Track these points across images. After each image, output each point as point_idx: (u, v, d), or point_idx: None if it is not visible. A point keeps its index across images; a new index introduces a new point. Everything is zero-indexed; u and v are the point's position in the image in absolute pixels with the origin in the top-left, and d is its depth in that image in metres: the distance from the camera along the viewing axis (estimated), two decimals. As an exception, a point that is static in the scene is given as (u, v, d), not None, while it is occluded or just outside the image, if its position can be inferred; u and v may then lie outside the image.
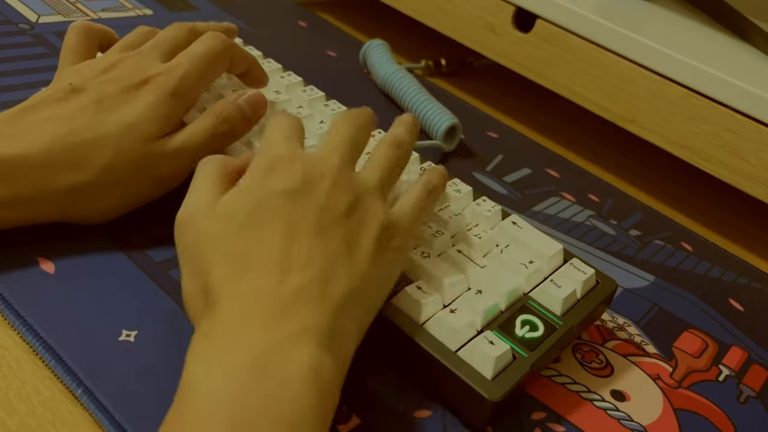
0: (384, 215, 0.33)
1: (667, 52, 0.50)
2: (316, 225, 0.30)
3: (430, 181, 0.37)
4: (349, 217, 0.31)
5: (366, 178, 0.34)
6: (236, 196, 0.31)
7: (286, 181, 0.31)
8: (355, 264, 0.30)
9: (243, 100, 0.40)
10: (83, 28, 0.42)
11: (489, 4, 0.58)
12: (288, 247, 0.29)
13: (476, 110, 0.62)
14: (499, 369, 0.33)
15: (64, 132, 0.35)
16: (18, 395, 0.30)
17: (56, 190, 0.35)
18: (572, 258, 0.40)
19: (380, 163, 0.35)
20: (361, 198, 0.32)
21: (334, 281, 0.29)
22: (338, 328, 0.28)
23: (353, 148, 0.35)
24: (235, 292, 0.28)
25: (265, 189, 0.31)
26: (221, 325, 0.27)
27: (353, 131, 0.36)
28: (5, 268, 0.35)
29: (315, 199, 0.31)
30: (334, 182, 0.32)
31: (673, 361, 0.40)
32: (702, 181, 0.56)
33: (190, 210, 0.32)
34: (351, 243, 0.31)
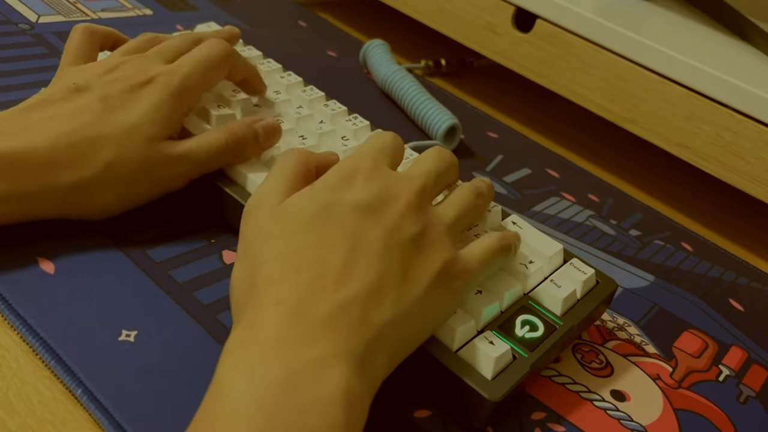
0: (450, 253, 0.32)
1: (667, 52, 0.50)
2: (379, 245, 0.30)
3: (508, 236, 0.36)
4: (414, 245, 0.31)
5: (441, 213, 0.33)
6: (306, 196, 0.31)
7: (361, 193, 0.31)
8: (406, 294, 0.29)
9: (260, 126, 0.40)
10: (87, 30, 0.42)
11: (489, 4, 0.58)
12: (344, 261, 0.29)
13: (476, 110, 0.62)
14: (499, 369, 0.33)
15: (68, 129, 0.35)
16: (18, 395, 0.30)
17: (58, 187, 0.35)
18: (572, 258, 0.40)
19: (458, 204, 0.35)
20: (430, 229, 0.32)
21: (380, 306, 0.28)
22: (371, 356, 0.28)
23: (436, 183, 0.34)
24: (279, 296, 0.28)
25: (337, 196, 0.31)
26: (258, 334, 0.27)
27: (443, 165, 0.35)
28: (5, 268, 0.35)
29: (384, 219, 0.31)
30: (408, 207, 0.31)
31: (673, 361, 0.40)
32: (702, 181, 0.56)
33: (259, 198, 0.32)
34: (408, 271, 0.30)
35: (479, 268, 0.33)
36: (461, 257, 0.33)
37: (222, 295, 0.36)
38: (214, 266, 0.38)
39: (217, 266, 0.38)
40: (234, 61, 0.42)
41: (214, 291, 0.36)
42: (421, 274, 0.30)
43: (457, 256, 0.32)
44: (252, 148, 0.40)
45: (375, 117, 0.53)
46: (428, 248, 0.31)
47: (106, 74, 0.38)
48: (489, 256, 0.34)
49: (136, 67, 0.39)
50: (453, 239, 0.33)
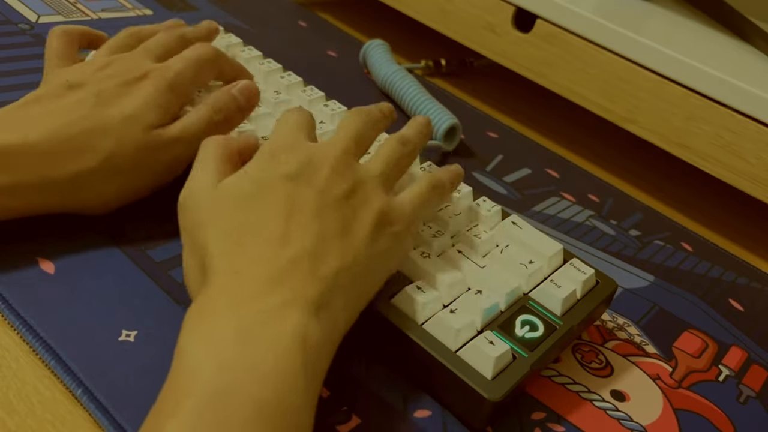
0: (383, 201, 0.33)
1: (666, 52, 0.50)
2: (314, 206, 0.31)
3: (438, 177, 0.38)
4: (347, 200, 0.32)
5: (368, 168, 0.35)
6: (239, 178, 0.33)
7: (287, 165, 0.33)
8: (349, 244, 0.31)
9: (236, 90, 0.41)
10: (64, 32, 0.43)
11: (489, 4, 0.58)
12: (283, 225, 0.30)
13: (476, 110, 0.62)
14: (499, 369, 0.33)
15: (65, 122, 0.36)
16: (18, 395, 0.30)
17: (57, 179, 0.35)
18: (572, 258, 0.40)
19: (384, 157, 0.36)
20: (360, 184, 0.33)
21: (326, 259, 0.30)
22: (326, 303, 0.29)
23: (358, 143, 0.36)
24: (229, 266, 0.29)
25: (267, 171, 0.32)
26: (211, 300, 0.28)
27: (360, 126, 0.37)
28: (5, 268, 0.35)
29: (314, 184, 0.32)
30: (333, 169, 0.33)
31: (673, 361, 0.40)
32: (702, 181, 0.56)
33: (192, 189, 0.33)
34: (347, 225, 0.32)
35: (415, 209, 0.35)
36: (396, 202, 0.34)
37: (222, 295, 0.36)
38: (214, 266, 0.38)
39: (217, 266, 0.38)
40: (222, 62, 0.43)
41: (214, 291, 0.36)
42: (359, 225, 0.32)
43: (391, 202, 0.34)
44: (236, 115, 0.41)
45: (375, 117, 0.53)
46: (362, 201, 0.33)
47: (99, 71, 0.39)
48: (423, 198, 0.36)
49: (129, 64, 0.40)
50: (385, 189, 0.34)
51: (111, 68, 0.39)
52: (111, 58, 0.40)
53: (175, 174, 0.39)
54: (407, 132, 0.38)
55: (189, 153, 0.39)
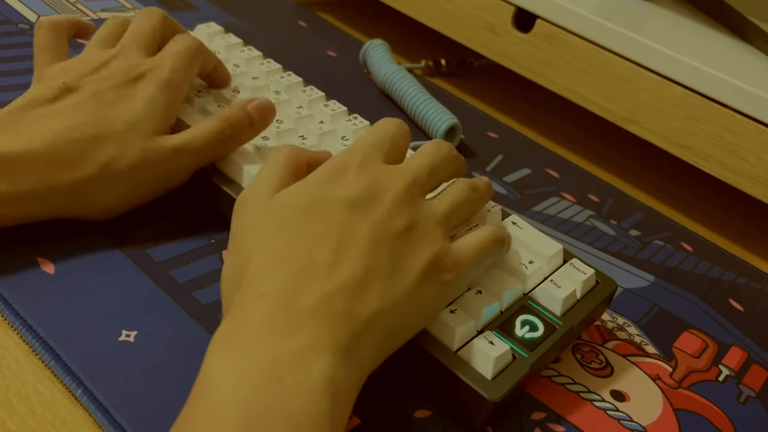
0: (441, 245, 0.31)
1: (667, 52, 0.50)
2: (367, 239, 0.30)
3: (502, 230, 0.36)
4: (404, 237, 0.31)
5: (433, 206, 0.33)
6: (296, 191, 0.31)
7: (349, 188, 0.31)
8: (394, 286, 0.29)
9: (252, 106, 0.40)
10: (51, 25, 0.42)
11: (489, 4, 0.58)
12: (331, 253, 0.29)
13: (476, 110, 0.62)
14: (499, 369, 0.33)
15: (66, 128, 0.35)
16: (18, 395, 0.30)
17: (58, 186, 0.35)
18: (572, 258, 0.40)
19: (452, 197, 0.34)
20: (421, 223, 0.32)
21: (366, 298, 0.28)
22: (357, 346, 0.28)
23: (430, 177, 0.34)
24: (265, 288, 0.28)
25: (326, 191, 0.31)
26: (243, 326, 0.27)
27: (439, 159, 0.35)
28: (5, 268, 0.35)
29: (373, 213, 0.31)
30: (397, 200, 0.31)
31: (673, 362, 0.40)
32: (702, 181, 0.56)
33: (250, 194, 0.32)
34: (396, 264, 0.30)
35: (471, 260, 0.33)
36: (453, 250, 0.32)
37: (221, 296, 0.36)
38: (214, 266, 0.38)
39: (217, 266, 0.38)
40: (204, 53, 0.43)
41: (214, 291, 0.36)
42: (409, 266, 0.30)
43: (448, 249, 0.32)
44: (248, 131, 0.40)
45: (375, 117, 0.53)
46: (418, 241, 0.31)
47: (94, 73, 0.39)
48: (482, 249, 0.34)
49: (123, 64, 0.39)
50: (445, 232, 0.33)
51: (106, 69, 0.39)
52: (105, 56, 0.40)
53: (179, 182, 0.39)
54: (478, 180, 0.37)
55: (194, 163, 0.39)
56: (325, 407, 0.25)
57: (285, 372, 0.25)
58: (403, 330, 0.31)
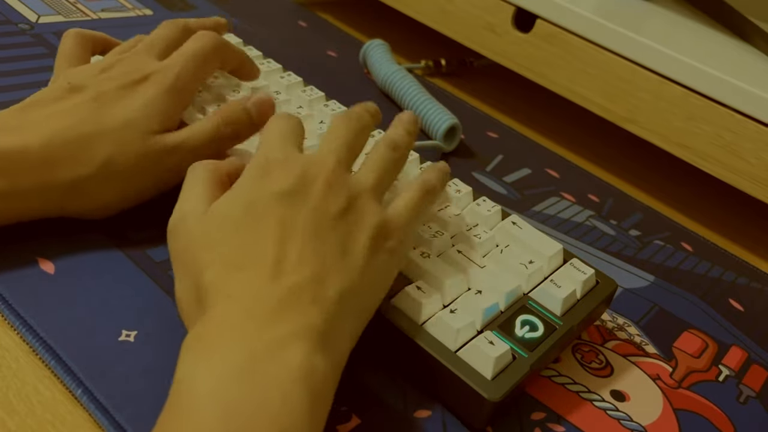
0: (378, 216, 0.32)
1: (667, 52, 0.50)
2: (310, 226, 0.30)
3: (428, 180, 0.37)
4: (343, 218, 0.31)
5: (361, 180, 0.34)
6: (229, 198, 0.32)
7: (280, 182, 0.31)
8: (349, 265, 0.30)
9: (251, 103, 0.40)
10: (78, 35, 0.42)
11: (489, 4, 0.58)
12: (281, 247, 0.29)
13: (476, 110, 0.62)
14: (499, 369, 0.33)
15: (64, 126, 0.35)
16: (18, 395, 0.30)
17: (56, 184, 0.35)
18: (572, 258, 0.40)
19: (376, 165, 0.35)
20: (355, 200, 0.32)
21: (327, 282, 0.29)
22: (331, 330, 0.28)
23: (349, 150, 0.35)
24: (228, 291, 0.28)
25: (259, 190, 0.31)
26: (213, 327, 0.27)
27: (350, 133, 0.35)
28: (5, 268, 0.35)
29: (309, 201, 0.31)
30: (328, 184, 0.32)
31: (673, 362, 0.40)
32: (702, 181, 0.56)
33: (181, 214, 0.32)
34: (345, 244, 0.31)
35: (409, 221, 0.34)
36: (389, 216, 0.33)
37: (222, 295, 0.36)
38: (214, 266, 0.38)
39: (217, 266, 0.38)
40: (225, 51, 0.42)
41: (214, 291, 0.36)
42: (356, 243, 0.31)
43: (385, 217, 0.33)
44: (247, 128, 0.40)
45: (375, 117, 0.53)
46: (357, 217, 0.32)
47: (101, 73, 0.39)
48: (416, 207, 0.35)
49: (130, 66, 0.39)
50: (379, 201, 0.34)
51: (113, 70, 0.39)
52: (114, 58, 0.40)
53: (178, 180, 0.39)
54: (395, 135, 0.37)
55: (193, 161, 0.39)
56: (305, 395, 0.25)
57: (260, 365, 0.25)
58: (368, 305, 0.32)
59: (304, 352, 0.26)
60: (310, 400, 0.25)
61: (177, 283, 0.31)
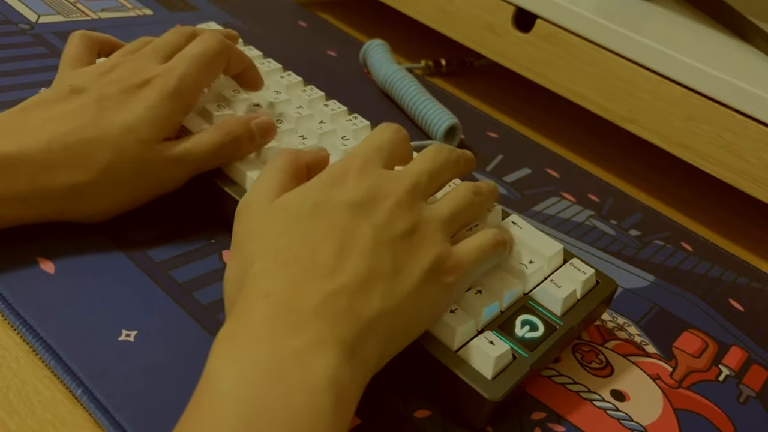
0: (443, 248, 0.32)
1: (667, 52, 0.50)
2: (370, 242, 0.30)
3: (502, 234, 0.36)
4: (405, 240, 0.31)
5: (433, 210, 0.33)
6: (298, 195, 0.32)
7: (350, 191, 0.31)
8: (396, 287, 0.30)
9: (255, 123, 0.40)
10: (84, 36, 0.42)
11: (489, 4, 0.58)
12: (333, 255, 0.29)
13: (476, 110, 0.62)
14: (499, 369, 0.33)
15: (64, 131, 0.35)
16: (18, 395, 0.30)
17: (55, 189, 0.35)
18: (572, 258, 0.40)
19: (454, 201, 0.35)
20: (422, 226, 0.32)
21: (368, 299, 0.28)
22: (360, 346, 0.28)
23: (431, 179, 0.34)
24: (267, 289, 0.28)
25: (328, 194, 0.31)
26: (246, 326, 0.27)
27: (439, 163, 0.35)
28: (5, 268, 0.35)
29: (375, 217, 0.31)
30: (398, 204, 0.32)
31: (673, 361, 0.40)
32: (702, 181, 0.56)
33: (251, 198, 0.32)
34: (399, 266, 0.30)
35: (473, 263, 0.33)
36: (454, 252, 0.32)
37: (221, 296, 0.36)
38: (213, 266, 0.38)
39: (216, 266, 0.38)
40: (230, 54, 0.42)
41: (214, 291, 0.36)
42: (411, 268, 0.30)
43: (450, 251, 0.32)
44: (247, 146, 0.40)
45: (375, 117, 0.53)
46: (420, 244, 0.31)
47: (103, 76, 0.38)
48: (483, 252, 0.34)
49: (133, 68, 0.39)
50: (446, 235, 0.33)
51: (115, 73, 0.39)
52: (117, 61, 0.40)
53: (176, 187, 0.39)
54: (481, 183, 0.37)
55: (193, 172, 0.39)
56: (329, 406, 0.25)
57: (287, 370, 0.25)
58: (406, 331, 0.31)
59: (331, 361, 0.26)
60: (335, 412, 0.25)
61: (229, 265, 0.31)
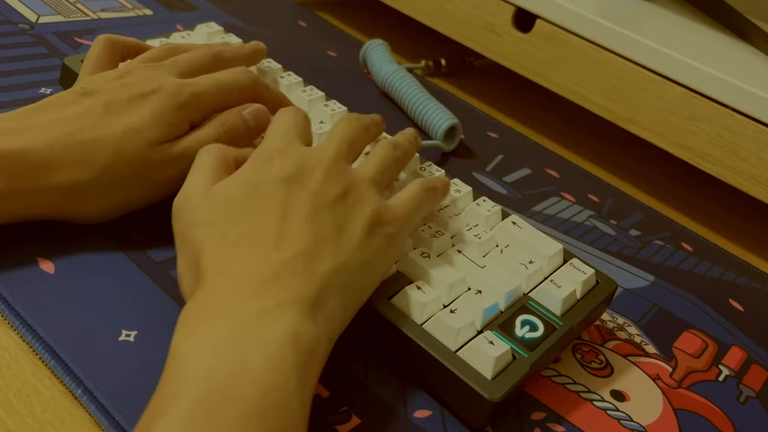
0: (376, 203, 0.34)
1: (667, 52, 0.50)
2: (308, 209, 0.32)
3: (431, 180, 0.38)
4: (341, 202, 0.33)
5: (360, 171, 0.35)
6: (232, 180, 0.33)
7: (281, 168, 0.33)
8: (343, 245, 0.31)
9: (248, 112, 0.40)
10: (108, 41, 0.42)
11: (489, 4, 0.58)
12: (278, 227, 0.31)
13: (476, 110, 0.62)
14: (499, 369, 0.33)
15: (67, 131, 0.35)
16: (18, 395, 0.30)
17: (55, 188, 0.35)
18: (572, 258, 0.40)
19: (376, 160, 0.37)
20: (353, 187, 0.34)
21: (320, 259, 0.30)
22: (321, 301, 0.29)
23: (350, 146, 0.36)
24: (222, 268, 0.29)
25: (261, 174, 0.33)
26: (205, 302, 0.28)
27: (352, 131, 0.37)
28: (5, 268, 0.35)
29: (308, 186, 0.33)
30: (326, 172, 0.33)
31: (672, 362, 0.40)
32: (702, 181, 0.56)
33: (186, 193, 0.33)
34: (340, 226, 0.32)
35: (409, 212, 0.35)
36: (390, 205, 0.35)
37: (222, 295, 0.36)
38: (214, 266, 0.38)
39: (217, 266, 0.38)
40: (258, 93, 0.42)
41: (214, 291, 0.36)
42: (353, 226, 0.32)
43: (385, 205, 0.34)
44: (245, 136, 0.40)
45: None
46: (355, 203, 0.33)
47: (116, 80, 0.39)
48: (416, 200, 0.36)
49: (147, 76, 0.39)
50: (378, 192, 0.35)
51: (128, 78, 0.39)
52: (133, 66, 0.40)
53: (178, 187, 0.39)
54: (398, 137, 0.40)
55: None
56: (290, 360, 0.26)
57: (249, 333, 0.26)
58: (363, 285, 0.33)
59: (291, 317, 0.27)
60: (295, 363, 0.26)
61: (178, 259, 0.32)
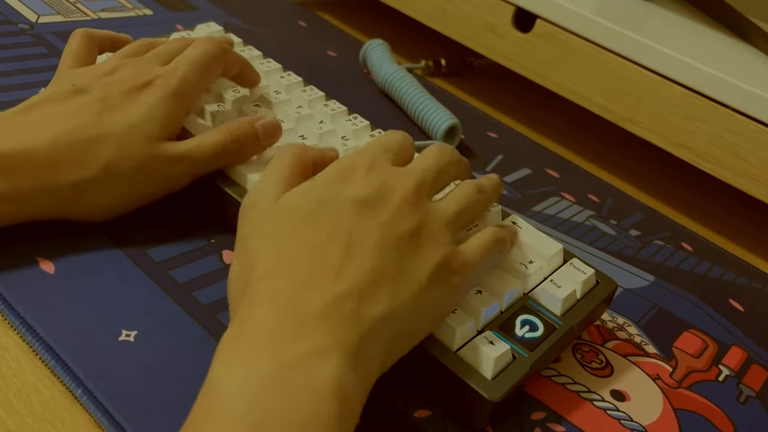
0: (448, 248, 0.32)
1: (667, 52, 0.50)
2: (374, 241, 0.30)
3: (502, 232, 0.36)
4: (411, 240, 0.30)
5: (439, 208, 0.33)
6: (303, 192, 0.31)
7: (357, 188, 0.31)
8: (401, 288, 0.29)
9: (260, 124, 0.40)
10: (86, 34, 0.42)
11: (489, 4, 0.58)
12: (338, 255, 0.29)
13: (476, 110, 0.62)
14: (499, 369, 0.33)
15: (68, 128, 0.35)
16: (18, 395, 0.30)
17: (57, 186, 0.35)
18: (572, 258, 0.40)
19: (459, 199, 0.34)
20: (428, 224, 0.32)
21: (373, 301, 0.28)
22: (364, 350, 0.28)
23: (436, 177, 0.34)
24: (272, 293, 0.28)
25: (334, 191, 0.31)
26: (251, 330, 0.27)
27: (444, 162, 0.35)
28: (5, 268, 0.35)
29: (380, 215, 0.30)
30: (404, 201, 0.31)
31: (673, 361, 0.40)
32: (702, 181, 0.56)
33: (256, 196, 0.32)
34: (405, 267, 0.30)
35: (478, 262, 0.33)
36: (460, 252, 0.32)
37: (221, 296, 0.36)
38: (213, 266, 0.38)
39: (216, 266, 0.38)
40: (226, 57, 0.43)
41: (214, 291, 0.36)
42: (417, 269, 0.30)
43: (455, 251, 0.32)
44: (252, 147, 0.40)
45: (375, 117, 0.53)
46: (426, 243, 0.31)
47: (105, 77, 0.39)
48: (488, 250, 0.34)
49: (135, 70, 0.39)
50: (452, 234, 0.33)
51: (118, 74, 0.39)
52: (119, 62, 0.40)
53: (178, 187, 0.39)
54: (484, 180, 0.37)
55: (196, 172, 0.39)
56: (334, 410, 0.25)
57: (292, 375, 0.25)
58: (411, 333, 0.31)
59: (336, 367, 0.26)
60: (339, 415, 0.25)
61: (233, 264, 0.31)
